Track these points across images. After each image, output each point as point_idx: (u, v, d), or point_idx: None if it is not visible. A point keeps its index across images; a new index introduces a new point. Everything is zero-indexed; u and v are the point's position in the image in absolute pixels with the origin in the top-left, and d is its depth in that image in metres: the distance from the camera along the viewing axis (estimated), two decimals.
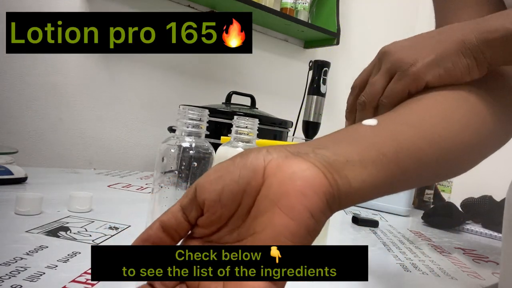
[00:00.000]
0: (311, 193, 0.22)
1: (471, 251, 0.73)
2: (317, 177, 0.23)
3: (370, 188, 0.26)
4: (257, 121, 0.42)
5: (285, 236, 0.22)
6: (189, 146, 0.35)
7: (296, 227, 0.22)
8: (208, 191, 0.24)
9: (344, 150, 0.26)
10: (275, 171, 0.23)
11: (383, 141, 0.28)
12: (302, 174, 0.23)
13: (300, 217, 0.22)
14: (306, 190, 0.22)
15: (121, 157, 1.15)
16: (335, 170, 0.24)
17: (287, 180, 0.23)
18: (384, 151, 0.27)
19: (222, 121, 0.93)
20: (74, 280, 0.37)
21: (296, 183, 0.23)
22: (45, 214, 0.56)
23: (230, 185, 0.24)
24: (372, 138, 0.28)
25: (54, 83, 1.01)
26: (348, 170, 0.25)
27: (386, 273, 0.55)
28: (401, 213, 1.00)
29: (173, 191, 0.35)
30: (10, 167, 0.71)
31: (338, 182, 0.24)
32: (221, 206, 0.24)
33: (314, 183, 0.23)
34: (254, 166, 0.24)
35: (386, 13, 1.83)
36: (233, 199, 0.24)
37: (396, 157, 0.28)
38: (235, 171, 0.24)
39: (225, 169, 0.25)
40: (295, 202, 0.22)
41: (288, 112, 1.22)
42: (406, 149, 0.28)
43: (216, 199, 0.24)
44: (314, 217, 0.22)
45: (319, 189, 0.23)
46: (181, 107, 0.36)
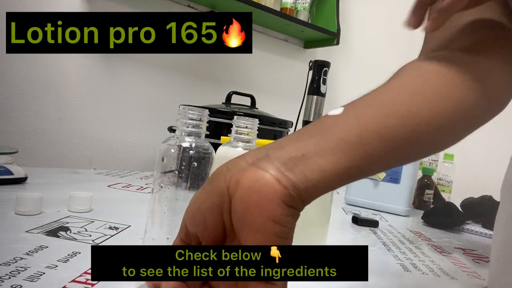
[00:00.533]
0: (267, 203, 0.24)
1: (471, 251, 0.73)
2: (269, 185, 0.24)
3: (332, 176, 0.26)
4: (257, 121, 0.42)
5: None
6: (189, 146, 0.35)
7: (264, 237, 0.23)
8: (195, 223, 0.26)
9: (302, 145, 0.26)
10: (235, 189, 0.25)
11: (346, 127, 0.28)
12: (255, 186, 0.24)
13: (264, 228, 0.23)
14: (261, 201, 0.24)
15: (121, 157, 1.15)
16: (288, 169, 0.25)
17: (245, 196, 0.24)
18: (345, 136, 0.27)
19: (222, 121, 0.93)
20: (74, 280, 0.37)
21: (252, 198, 0.24)
22: (45, 214, 0.56)
23: (208, 214, 0.26)
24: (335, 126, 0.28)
25: (54, 83, 1.01)
26: (303, 164, 0.25)
27: (386, 273, 0.55)
28: (401, 213, 1.00)
29: (173, 191, 0.35)
30: (10, 167, 0.71)
31: (293, 180, 0.24)
32: (211, 232, 0.26)
33: (268, 192, 0.24)
34: (219, 189, 0.25)
35: (386, 13, 1.83)
36: (216, 223, 0.26)
37: (359, 141, 0.27)
38: (207, 199, 0.26)
39: (201, 199, 0.26)
40: (256, 216, 0.23)
41: (288, 112, 1.22)
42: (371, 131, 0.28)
43: (204, 228, 0.26)
44: (278, 222, 0.24)
45: (273, 196, 0.24)
46: (181, 107, 0.36)
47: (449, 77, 0.34)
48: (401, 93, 0.32)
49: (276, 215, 0.24)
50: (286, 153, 0.26)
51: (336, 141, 0.27)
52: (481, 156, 1.63)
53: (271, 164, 0.25)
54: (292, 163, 0.25)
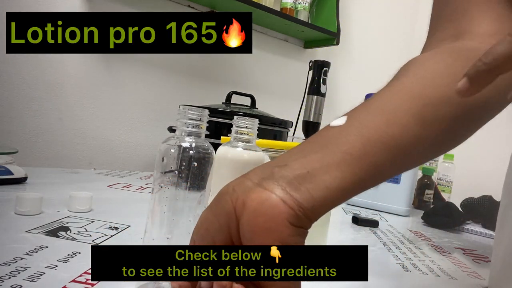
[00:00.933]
0: (274, 226, 0.24)
1: (471, 251, 0.73)
2: (275, 207, 0.24)
3: (338, 192, 0.25)
4: (257, 121, 0.42)
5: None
6: (189, 146, 0.35)
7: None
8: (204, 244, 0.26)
9: (307, 160, 0.26)
10: (242, 211, 0.25)
11: (350, 139, 0.27)
12: (261, 208, 0.24)
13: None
14: (268, 224, 0.24)
15: (121, 157, 1.15)
16: (293, 188, 0.24)
17: (252, 219, 0.24)
18: (349, 149, 0.27)
19: (222, 121, 0.93)
20: (74, 280, 0.37)
21: (259, 221, 0.24)
22: (45, 214, 0.56)
23: (217, 235, 0.26)
24: (338, 138, 0.28)
25: (54, 83, 1.01)
26: (309, 182, 0.25)
27: (386, 273, 0.55)
28: (401, 213, 1.00)
29: (173, 191, 0.35)
30: (10, 167, 0.71)
31: (298, 200, 0.24)
32: None
33: (274, 214, 0.24)
34: (227, 211, 0.25)
35: (386, 13, 1.83)
36: (225, 242, 0.26)
37: (363, 153, 0.27)
38: (215, 220, 0.26)
39: (208, 221, 0.26)
40: (263, 239, 0.24)
41: (288, 112, 1.22)
42: (374, 141, 0.27)
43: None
44: (285, 243, 0.24)
45: (279, 218, 0.24)
46: (181, 107, 0.36)
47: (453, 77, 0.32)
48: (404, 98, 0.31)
49: (284, 237, 0.24)
50: (291, 171, 0.25)
51: (340, 154, 0.26)
52: (481, 156, 1.63)
53: (276, 184, 0.25)
54: (297, 182, 0.25)
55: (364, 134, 0.28)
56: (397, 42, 1.79)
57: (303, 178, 0.25)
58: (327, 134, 0.29)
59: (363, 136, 0.28)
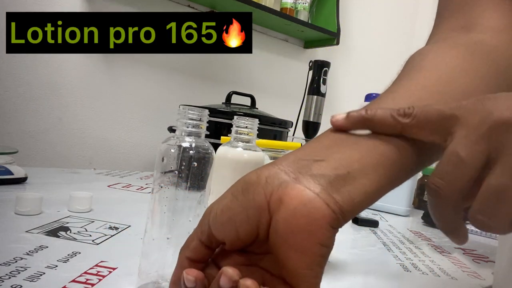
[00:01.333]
0: (317, 228, 0.23)
1: (471, 251, 0.73)
2: (320, 210, 0.23)
3: (374, 196, 0.25)
4: (257, 121, 0.42)
5: (302, 268, 0.23)
6: (189, 146, 0.35)
7: (310, 259, 0.23)
8: (224, 233, 0.25)
9: (345, 158, 0.25)
10: (279, 207, 0.23)
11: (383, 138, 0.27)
12: (304, 210, 0.23)
13: (312, 251, 0.23)
14: (311, 227, 0.23)
15: (121, 157, 1.15)
16: (335, 190, 0.24)
17: (291, 218, 0.23)
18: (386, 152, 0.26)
19: (222, 121, 0.93)
20: (74, 280, 0.37)
21: (300, 221, 0.23)
22: (45, 214, 0.56)
23: (243, 226, 0.24)
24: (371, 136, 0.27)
25: (54, 83, 1.01)
26: (349, 184, 0.24)
27: (386, 273, 0.55)
28: (401, 213, 1.00)
29: (173, 191, 0.35)
30: (10, 167, 0.71)
31: (340, 203, 0.23)
32: (242, 242, 0.25)
33: (318, 217, 0.23)
34: (258, 203, 0.24)
35: (386, 13, 1.83)
36: (250, 234, 0.25)
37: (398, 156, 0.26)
38: (242, 211, 0.24)
39: (233, 210, 0.25)
40: (303, 240, 0.23)
41: (288, 112, 1.22)
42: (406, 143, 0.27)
43: (235, 238, 0.25)
44: (324, 244, 0.23)
45: (323, 221, 0.23)
46: (181, 107, 0.36)
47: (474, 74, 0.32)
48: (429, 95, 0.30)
49: (324, 239, 0.23)
50: (331, 170, 0.24)
51: (377, 156, 0.26)
52: None
53: (317, 183, 0.24)
54: (338, 183, 0.24)
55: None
56: (397, 42, 1.79)
57: (344, 179, 0.24)
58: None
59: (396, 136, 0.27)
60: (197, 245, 0.26)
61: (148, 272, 0.36)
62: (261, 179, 0.25)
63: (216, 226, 0.25)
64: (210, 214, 0.26)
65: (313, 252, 0.23)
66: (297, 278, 0.24)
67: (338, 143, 0.27)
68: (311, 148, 0.27)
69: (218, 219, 0.25)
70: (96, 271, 0.40)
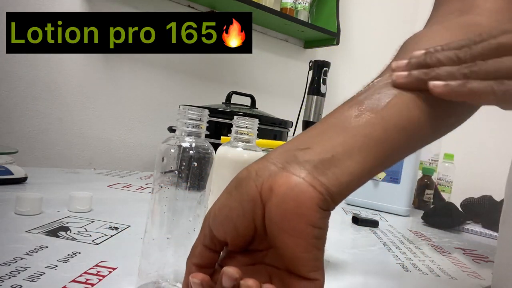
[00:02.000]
0: (306, 210, 0.24)
1: (471, 251, 0.73)
2: (306, 192, 0.24)
3: (361, 176, 0.26)
4: (257, 121, 0.42)
5: (300, 252, 0.24)
6: (189, 146, 0.35)
7: (305, 241, 0.24)
8: (224, 231, 0.26)
9: (329, 144, 0.26)
10: (269, 195, 0.24)
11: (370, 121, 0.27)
12: (292, 194, 0.24)
13: (305, 233, 0.24)
14: (299, 209, 0.24)
15: (121, 157, 1.15)
16: (321, 173, 0.25)
17: (281, 203, 0.24)
18: (371, 133, 0.26)
19: (222, 121, 0.93)
20: (74, 280, 0.37)
21: (290, 205, 0.24)
22: (45, 214, 0.56)
23: (240, 221, 0.25)
24: (358, 120, 0.27)
25: (54, 83, 1.01)
26: (334, 166, 0.25)
27: (386, 273, 0.55)
28: (401, 213, 1.00)
29: (173, 191, 0.35)
30: (10, 167, 0.71)
31: (326, 185, 0.24)
32: (242, 238, 0.26)
33: (305, 199, 0.24)
34: (251, 196, 0.25)
35: (386, 13, 1.83)
36: (248, 229, 0.26)
37: (384, 135, 0.27)
38: (238, 206, 0.25)
39: (229, 207, 0.26)
40: (295, 223, 0.24)
41: (288, 112, 1.22)
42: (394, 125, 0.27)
43: (235, 235, 0.26)
44: (316, 226, 0.24)
45: (311, 203, 0.24)
46: (181, 107, 0.36)
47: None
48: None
49: (315, 220, 0.24)
50: (315, 155, 0.25)
51: (361, 138, 0.26)
52: (481, 156, 1.63)
53: (303, 168, 0.25)
54: (323, 167, 0.25)
55: (384, 117, 0.28)
56: (397, 42, 1.78)
57: (328, 162, 0.25)
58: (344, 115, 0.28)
59: (383, 119, 0.27)
60: (202, 250, 0.27)
61: (148, 272, 0.36)
62: (252, 173, 0.26)
63: (215, 225, 0.26)
64: (210, 216, 0.27)
65: (307, 234, 0.24)
66: (297, 263, 0.25)
67: (324, 131, 0.28)
68: (298, 139, 0.28)
69: (217, 219, 0.26)
70: (96, 271, 0.40)
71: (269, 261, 0.27)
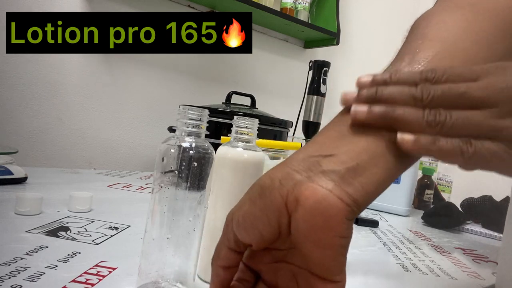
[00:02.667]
0: (334, 224, 0.24)
1: (471, 251, 0.73)
2: (334, 206, 0.24)
3: (386, 183, 0.26)
4: (257, 121, 0.42)
5: (327, 261, 0.25)
6: (189, 146, 0.35)
7: (332, 252, 0.24)
8: (249, 237, 0.26)
9: (352, 149, 0.25)
10: (296, 207, 0.24)
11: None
12: (320, 208, 0.23)
13: (333, 244, 0.24)
14: (328, 223, 0.24)
15: (121, 157, 1.15)
16: (347, 183, 0.24)
17: (309, 216, 0.24)
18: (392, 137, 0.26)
19: (222, 121, 0.93)
20: (74, 280, 0.37)
21: (318, 219, 0.24)
22: (45, 214, 0.56)
23: (266, 229, 0.26)
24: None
25: (54, 83, 1.01)
26: (359, 175, 0.24)
27: (386, 273, 0.55)
28: (401, 213, 1.00)
29: (173, 191, 0.35)
30: (10, 167, 0.71)
31: (353, 196, 0.24)
32: (267, 241, 0.26)
33: (333, 213, 0.24)
34: (276, 206, 0.25)
35: (386, 13, 1.83)
36: (273, 234, 0.26)
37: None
38: (263, 216, 0.25)
39: (252, 215, 0.26)
40: (323, 236, 0.24)
41: (288, 112, 1.22)
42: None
43: (260, 240, 0.26)
44: (343, 236, 0.24)
45: (339, 215, 0.24)
46: (181, 107, 0.36)
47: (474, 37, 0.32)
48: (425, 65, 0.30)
49: (342, 231, 0.24)
50: (341, 164, 0.25)
51: (385, 144, 0.26)
52: None
53: (329, 179, 0.24)
54: (349, 176, 0.24)
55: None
56: (397, 42, 1.79)
57: (354, 171, 0.25)
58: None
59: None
60: (227, 252, 0.28)
61: (148, 272, 0.36)
62: (275, 182, 0.25)
63: (240, 232, 0.27)
64: (232, 222, 0.27)
65: (335, 245, 0.24)
66: (324, 270, 0.25)
67: (344, 135, 0.27)
68: (319, 143, 0.27)
69: (241, 226, 0.26)
70: (96, 271, 0.40)
71: (291, 260, 0.27)
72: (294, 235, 0.25)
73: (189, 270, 0.37)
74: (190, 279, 0.37)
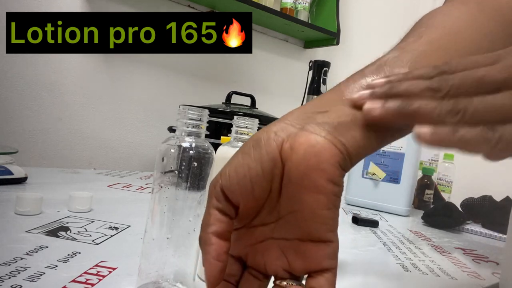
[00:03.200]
0: (327, 166, 0.24)
1: (471, 251, 0.73)
2: (328, 149, 0.24)
3: (378, 141, 0.26)
4: (257, 121, 0.42)
5: (321, 209, 0.24)
6: (189, 146, 0.35)
7: (326, 198, 0.24)
8: (240, 192, 0.25)
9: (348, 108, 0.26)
10: (290, 154, 0.24)
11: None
12: (313, 150, 0.24)
13: (326, 189, 0.24)
14: (322, 165, 0.24)
15: (121, 157, 1.15)
16: (340, 134, 0.25)
17: (302, 160, 0.24)
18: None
19: (222, 121, 0.93)
20: (74, 280, 0.37)
21: (311, 162, 0.24)
22: (45, 214, 0.56)
23: (258, 181, 0.25)
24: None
25: (54, 83, 1.01)
26: (353, 130, 0.25)
27: (386, 273, 0.55)
28: (401, 213, 1.00)
29: (173, 191, 0.35)
30: (10, 167, 0.71)
31: (346, 145, 0.25)
32: (255, 200, 0.26)
33: (326, 156, 0.24)
34: (271, 155, 0.25)
35: (386, 13, 1.83)
36: (264, 190, 0.25)
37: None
38: (257, 165, 0.25)
39: (245, 165, 0.25)
40: (317, 178, 0.24)
41: (288, 112, 1.22)
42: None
43: (250, 197, 0.26)
44: (336, 183, 0.24)
45: (332, 159, 0.24)
46: (181, 107, 0.36)
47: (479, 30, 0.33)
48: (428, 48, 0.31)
49: (335, 177, 0.24)
50: (335, 118, 0.25)
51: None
52: None
53: (322, 128, 0.25)
54: (343, 129, 0.25)
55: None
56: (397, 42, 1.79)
57: (347, 125, 0.25)
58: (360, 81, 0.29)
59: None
60: (216, 215, 0.26)
61: (148, 272, 0.36)
62: (270, 134, 0.26)
63: (231, 185, 0.26)
64: (221, 178, 0.26)
65: (328, 190, 0.24)
66: (317, 221, 0.25)
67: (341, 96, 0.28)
68: (314, 103, 0.28)
69: (234, 179, 0.26)
70: (96, 271, 0.40)
71: (278, 234, 0.27)
72: (287, 187, 0.25)
73: (189, 270, 0.37)
74: (190, 279, 0.37)
